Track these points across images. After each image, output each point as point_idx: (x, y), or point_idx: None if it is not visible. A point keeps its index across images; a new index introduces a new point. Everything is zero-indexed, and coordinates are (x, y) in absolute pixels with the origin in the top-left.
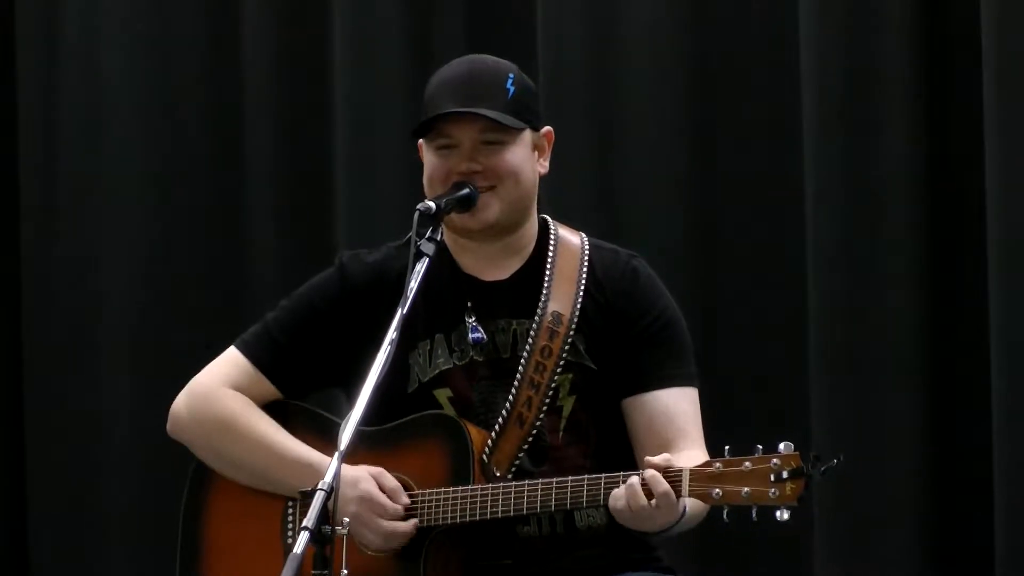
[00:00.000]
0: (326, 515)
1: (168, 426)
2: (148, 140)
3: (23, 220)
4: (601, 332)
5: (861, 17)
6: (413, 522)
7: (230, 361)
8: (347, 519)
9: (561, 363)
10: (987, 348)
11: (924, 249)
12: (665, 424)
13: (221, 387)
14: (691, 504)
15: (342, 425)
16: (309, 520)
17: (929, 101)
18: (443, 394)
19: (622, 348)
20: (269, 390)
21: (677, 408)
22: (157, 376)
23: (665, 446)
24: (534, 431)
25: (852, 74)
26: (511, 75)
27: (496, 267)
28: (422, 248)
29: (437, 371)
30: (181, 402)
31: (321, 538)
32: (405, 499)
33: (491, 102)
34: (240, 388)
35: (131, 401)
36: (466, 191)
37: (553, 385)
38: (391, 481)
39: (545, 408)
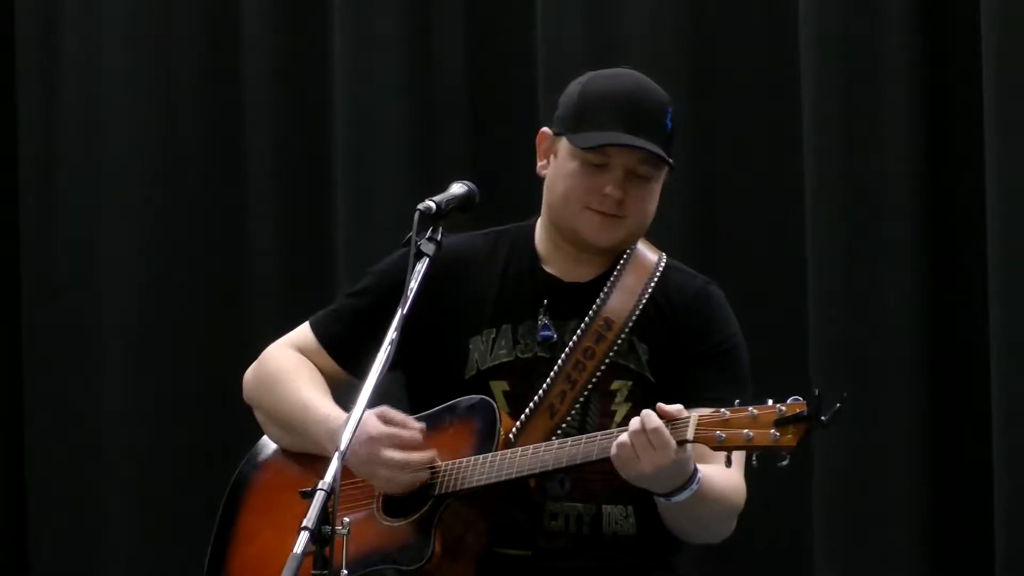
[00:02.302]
0: (326, 515)
1: (243, 393)
2: (148, 140)
3: (23, 220)
4: (665, 347)
5: (861, 17)
6: (431, 452)
7: (301, 334)
8: (347, 519)
9: (603, 367)
10: (987, 348)
11: (924, 249)
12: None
13: (287, 348)
14: (708, 480)
15: (342, 424)
16: (309, 520)
17: (929, 100)
18: (499, 386)
19: (681, 365)
20: (333, 367)
21: None
22: (157, 376)
23: (699, 462)
24: (564, 425)
25: (852, 74)
26: (669, 109)
27: (578, 270)
28: (422, 248)
29: (497, 362)
30: (251, 367)
31: (321, 538)
32: (416, 424)
33: (654, 135)
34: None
35: (131, 401)
36: (466, 191)
37: (592, 383)
38: (396, 414)
39: (578, 406)
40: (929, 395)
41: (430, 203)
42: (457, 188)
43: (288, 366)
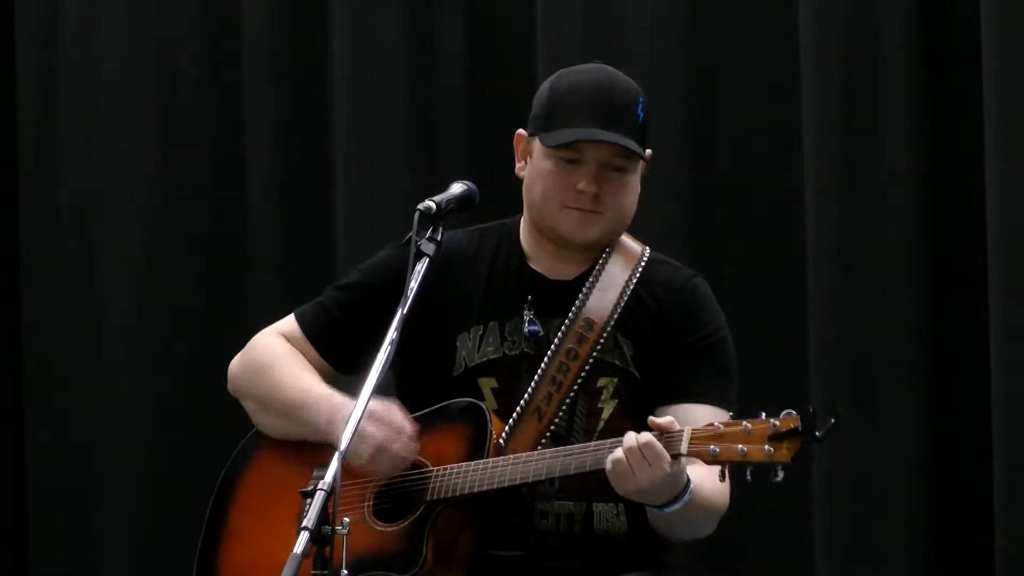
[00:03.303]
0: (326, 515)
1: (228, 384)
2: (148, 140)
3: (23, 220)
4: (650, 342)
5: (861, 17)
6: (413, 445)
7: (286, 326)
8: (347, 519)
9: (587, 367)
10: (987, 348)
11: (924, 249)
12: None
13: (274, 336)
14: (699, 487)
15: (343, 403)
16: (309, 520)
17: (929, 102)
18: (487, 383)
19: (667, 359)
20: (319, 361)
21: None
22: (157, 377)
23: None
24: (552, 427)
25: (852, 74)
26: (641, 100)
27: (563, 269)
28: (422, 248)
29: (485, 359)
30: (236, 357)
31: (321, 538)
32: (411, 425)
33: (625, 127)
34: None
35: (131, 402)
36: (466, 191)
37: (578, 384)
38: (399, 411)
39: (566, 407)
40: (929, 395)
41: (430, 203)
42: (457, 188)
43: (280, 352)
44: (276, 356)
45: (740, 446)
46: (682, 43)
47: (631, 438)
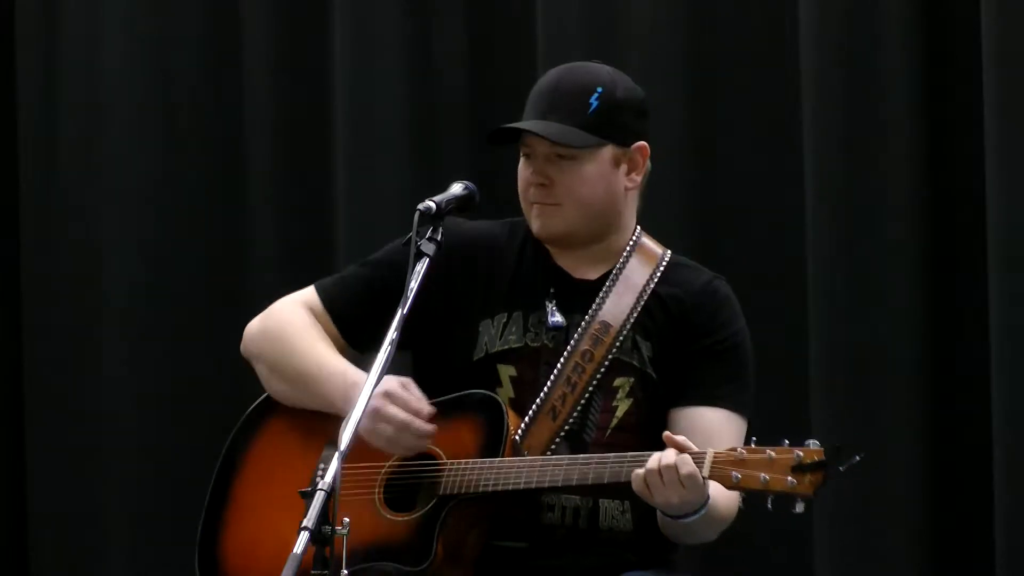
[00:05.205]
0: (326, 515)
1: (241, 344)
2: (148, 140)
3: (23, 220)
4: (669, 343)
5: (861, 17)
6: (431, 426)
7: (306, 295)
8: (345, 520)
9: (603, 368)
10: (987, 348)
11: (924, 249)
12: (702, 443)
13: (297, 305)
14: (714, 500)
15: (343, 424)
16: (309, 520)
17: (929, 101)
18: (506, 371)
19: (685, 360)
20: (334, 334)
21: (719, 429)
22: (157, 376)
23: None
24: (567, 426)
25: (852, 73)
26: (600, 88)
27: (586, 268)
28: (422, 248)
29: (507, 347)
30: (255, 319)
31: (321, 538)
32: (429, 407)
33: (566, 117)
34: None
35: (131, 401)
36: (466, 191)
37: (593, 385)
38: (417, 390)
39: (580, 407)
40: (929, 395)
41: (430, 203)
42: (457, 188)
43: (299, 321)
44: (294, 324)
45: (762, 475)
46: (682, 43)
47: (671, 456)
